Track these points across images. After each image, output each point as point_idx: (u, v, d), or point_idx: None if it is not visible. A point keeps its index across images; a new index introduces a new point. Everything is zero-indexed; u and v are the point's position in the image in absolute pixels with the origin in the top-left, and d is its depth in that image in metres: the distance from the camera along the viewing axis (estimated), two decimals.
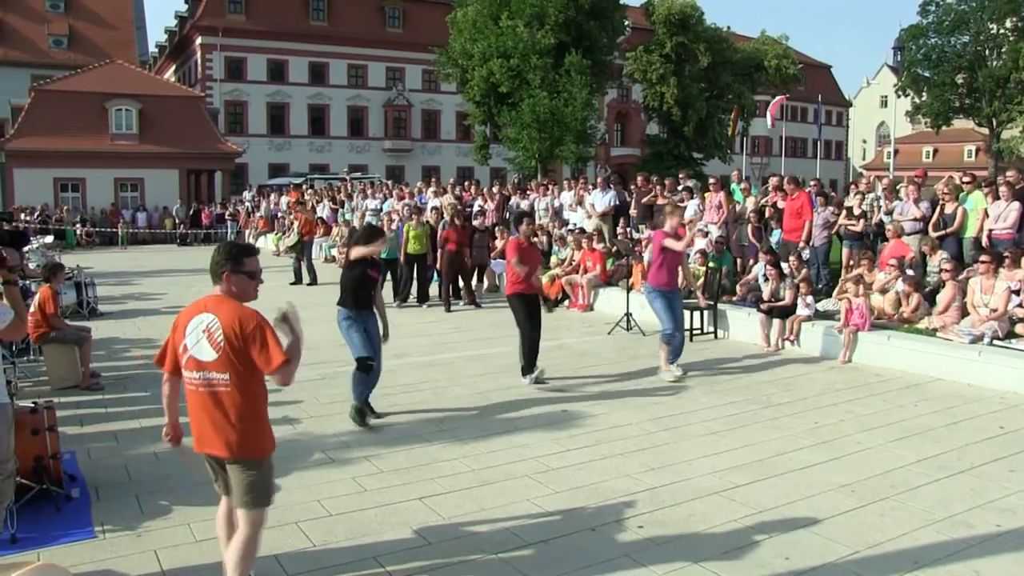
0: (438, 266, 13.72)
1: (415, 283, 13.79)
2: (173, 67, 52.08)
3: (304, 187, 28.46)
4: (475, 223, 14.58)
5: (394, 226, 14.31)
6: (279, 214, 26.04)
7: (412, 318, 12.39)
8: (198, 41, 44.97)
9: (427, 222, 14.23)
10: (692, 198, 13.95)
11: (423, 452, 6.08)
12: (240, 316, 3.56)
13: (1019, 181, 10.76)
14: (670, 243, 8.34)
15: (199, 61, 45.20)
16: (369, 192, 21.95)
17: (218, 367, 3.55)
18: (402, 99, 49.78)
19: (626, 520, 4.81)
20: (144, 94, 33.89)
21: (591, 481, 5.45)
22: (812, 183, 13.54)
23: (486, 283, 15.13)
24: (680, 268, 8.88)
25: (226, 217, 30.01)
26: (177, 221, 31.43)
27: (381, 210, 18.43)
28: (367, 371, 6.64)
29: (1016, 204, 10.23)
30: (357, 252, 6.68)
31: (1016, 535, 4.58)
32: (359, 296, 6.72)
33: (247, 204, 30.70)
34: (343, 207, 22.74)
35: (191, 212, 32.17)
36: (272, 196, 28.42)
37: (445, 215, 14.48)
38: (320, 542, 4.51)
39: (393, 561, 4.29)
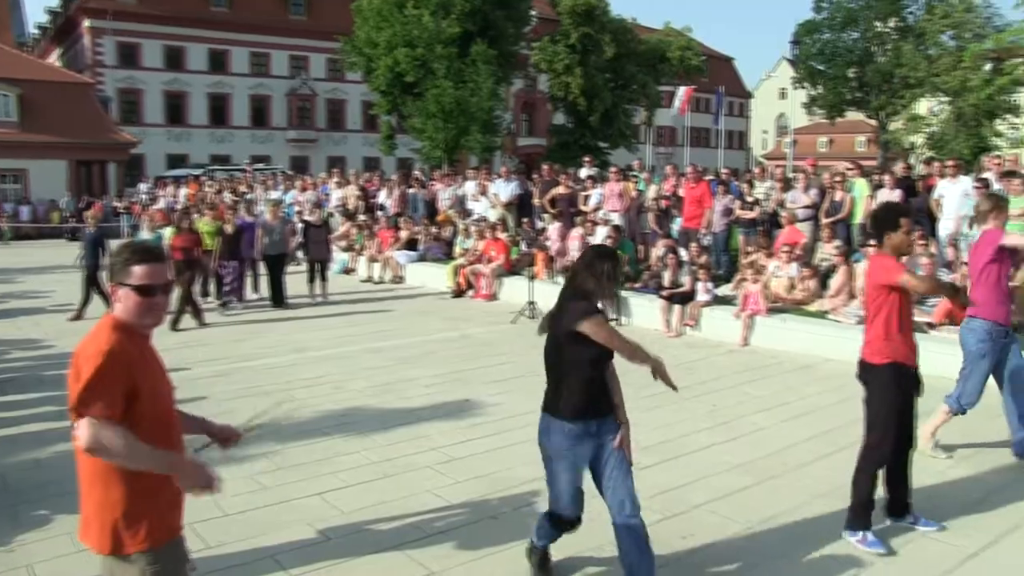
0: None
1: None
2: (58, 51, 49.32)
3: (203, 179, 27.47)
4: (310, 218, 13.63)
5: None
6: (177, 206, 25.08)
7: (312, 312, 12.14)
8: (86, 24, 42.65)
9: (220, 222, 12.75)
10: (595, 187, 14.12)
11: (323, 446, 5.95)
12: None
13: (906, 172, 11.37)
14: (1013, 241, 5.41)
15: (88, 45, 42.91)
16: (271, 184, 21.39)
17: None
18: (306, 88, 48.64)
19: (528, 507, 4.81)
20: (24, 79, 31.81)
21: (494, 470, 5.44)
22: (725, 172, 13.82)
23: (381, 275, 14.97)
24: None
25: (120, 210, 28.66)
26: (66, 214, 29.82)
27: (283, 201, 17.94)
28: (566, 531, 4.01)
29: (898, 192, 10.76)
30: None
31: None
32: (590, 391, 3.83)
33: (143, 196, 29.40)
34: (244, 199, 22.08)
35: (82, 205, 30.60)
36: (170, 188, 27.35)
37: (176, 219, 12.89)
38: (215, 542, 4.36)
39: (292, 560, 4.17)
